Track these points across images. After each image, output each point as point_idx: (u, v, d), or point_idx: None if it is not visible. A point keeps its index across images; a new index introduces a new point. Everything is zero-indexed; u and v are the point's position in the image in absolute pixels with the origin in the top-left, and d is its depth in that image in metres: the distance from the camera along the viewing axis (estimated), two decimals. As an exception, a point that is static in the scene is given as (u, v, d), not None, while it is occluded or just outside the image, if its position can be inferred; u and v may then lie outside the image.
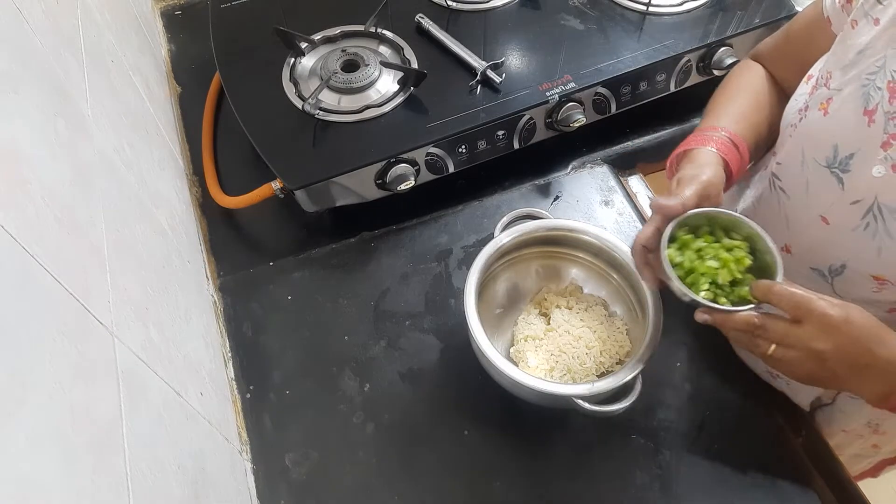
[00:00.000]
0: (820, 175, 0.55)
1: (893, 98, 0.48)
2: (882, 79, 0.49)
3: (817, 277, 0.59)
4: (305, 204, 0.80)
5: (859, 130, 0.51)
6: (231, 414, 0.70)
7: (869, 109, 0.50)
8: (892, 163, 0.49)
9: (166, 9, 1.15)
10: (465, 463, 0.68)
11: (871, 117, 0.50)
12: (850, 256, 0.55)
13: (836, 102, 0.53)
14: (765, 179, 0.64)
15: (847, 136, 0.52)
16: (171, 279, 0.65)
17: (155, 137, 0.80)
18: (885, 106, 0.49)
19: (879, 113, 0.49)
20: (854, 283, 0.55)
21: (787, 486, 0.65)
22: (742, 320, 0.52)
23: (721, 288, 0.56)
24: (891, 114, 0.48)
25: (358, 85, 0.85)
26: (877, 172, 0.50)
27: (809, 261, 0.59)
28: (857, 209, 0.52)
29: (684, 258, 0.57)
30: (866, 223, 0.52)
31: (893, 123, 0.48)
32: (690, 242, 0.58)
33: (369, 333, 0.77)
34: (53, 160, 0.45)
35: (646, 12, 0.93)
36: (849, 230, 0.53)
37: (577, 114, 0.84)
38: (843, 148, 0.52)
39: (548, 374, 0.67)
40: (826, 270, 0.57)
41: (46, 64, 0.50)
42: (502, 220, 0.72)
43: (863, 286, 0.55)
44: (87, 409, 0.38)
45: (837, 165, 0.53)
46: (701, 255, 0.57)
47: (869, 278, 0.54)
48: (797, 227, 0.60)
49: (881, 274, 0.52)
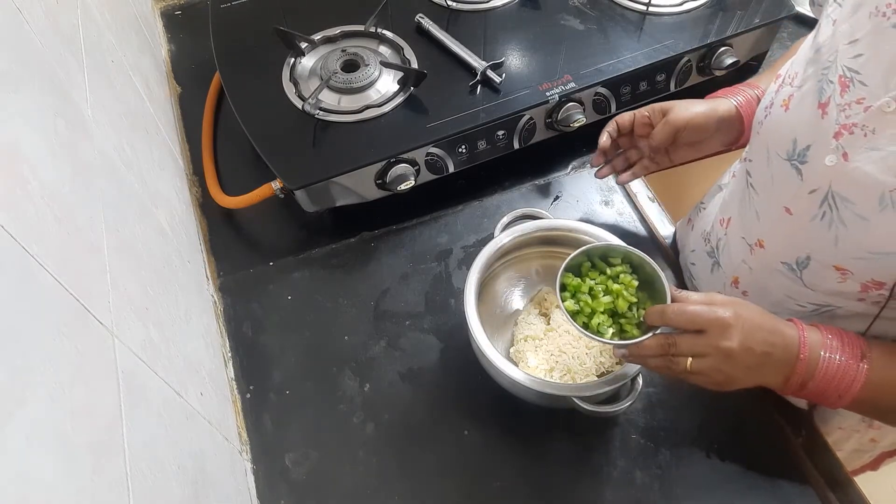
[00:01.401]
0: (782, 168, 0.57)
1: (844, 91, 0.50)
2: (834, 73, 0.51)
3: (788, 272, 0.60)
4: (305, 204, 0.80)
5: (814, 123, 0.53)
6: (231, 414, 0.70)
7: (822, 102, 0.52)
8: (842, 151, 0.51)
9: (166, 9, 1.15)
10: (464, 463, 0.68)
11: (824, 110, 0.52)
12: (812, 247, 0.57)
13: (795, 98, 0.56)
14: (741, 177, 0.66)
15: (804, 129, 0.54)
16: (171, 279, 0.65)
17: (155, 137, 0.80)
18: (836, 99, 0.51)
19: (832, 105, 0.51)
20: (819, 274, 0.57)
21: (787, 486, 0.66)
22: (655, 345, 0.55)
23: (623, 316, 0.60)
24: (842, 106, 0.51)
25: (358, 85, 0.85)
26: (829, 161, 0.52)
27: (780, 255, 0.61)
28: (814, 198, 0.54)
29: (580, 305, 0.61)
30: (823, 212, 0.54)
31: (844, 115, 0.50)
32: (581, 287, 0.61)
33: (369, 333, 0.77)
34: (53, 160, 0.45)
35: (646, 12, 0.93)
36: (808, 220, 0.55)
37: (577, 114, 0.84)
38: (801, 140, 0.55)
39: (548, 374, 0.67)
40: (794, 264, 0.59)
41: (46, 64, 0.50)
42: (502, 220, 0.72)
43: (828, 277, 0.56)
44: (87, 409, 0.38)
45: (796, 157, 0.55)
46: (594, 294, 0.61)
47: (832, 269, 0.55)
48: (766, 221, 0.61)
49: (841, 264, 0.54)
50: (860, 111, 0.49)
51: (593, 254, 0.63)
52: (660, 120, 0.73)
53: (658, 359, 0.56)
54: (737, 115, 0.71)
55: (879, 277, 0.52)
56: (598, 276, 0.62)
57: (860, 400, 0.53)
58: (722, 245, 0.71)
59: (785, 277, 0.61)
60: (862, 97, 0.49)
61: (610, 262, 0.63)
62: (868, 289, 0.54)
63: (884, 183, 0.48)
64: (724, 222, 0.70)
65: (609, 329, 0.59)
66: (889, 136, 0.47)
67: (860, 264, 0.53)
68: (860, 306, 0.56)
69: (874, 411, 0.57)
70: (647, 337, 0.56)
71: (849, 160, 0.50)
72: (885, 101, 0.47)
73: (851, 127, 0.50)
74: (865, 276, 0.53)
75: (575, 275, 0.63)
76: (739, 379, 0.54)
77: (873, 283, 0.53)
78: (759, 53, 0.97)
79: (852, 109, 0.50)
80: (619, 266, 0.62)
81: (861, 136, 0.49)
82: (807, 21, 1.04)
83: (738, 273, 0.68)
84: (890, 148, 0.47)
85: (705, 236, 0.76)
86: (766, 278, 0.63)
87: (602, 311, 0.60)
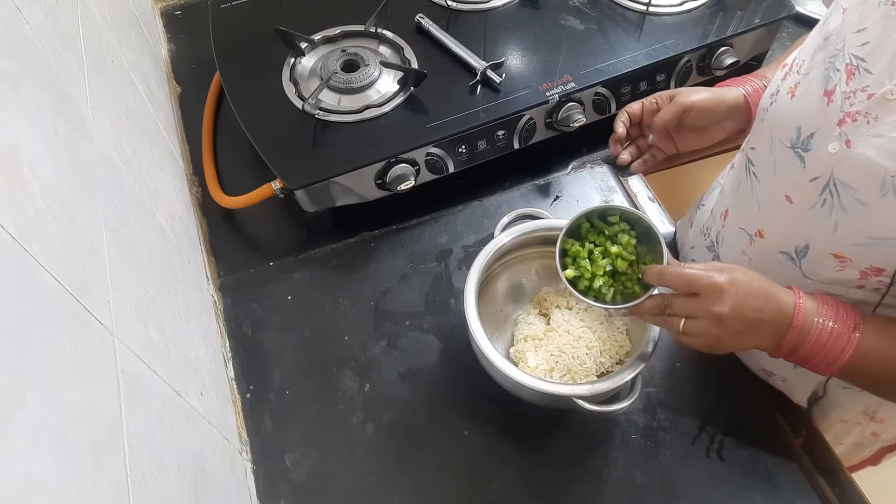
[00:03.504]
0: (785, 156, 0.58)
1: (850, 79, 0.51)
2: (840, 61, 0.52)
3: (787, 261, 0.61)
4: (305, 204, 0.80)
5: (820, 110, 0.53)
6: (231, 414, 0.70)
7: (828, 90, 0.53)
8: (845, 139, 0.51)
9: (166, 9, 1.15)
10: (464, 463, 0.68)
11: (829, 97, 0.53)
12: (811, 235, 0.57)
13: (802, 86, 0.56)
14: (742, 166, 0.67)
15: (809, 116, 0.55)
16: (171, 279, 0.65)
17: (155, 137, 0.80)
18: (842, 86, 0.52)
19: (837, 93, 0.52)
20: (818, 263, 0.58)
21: (787, 486, 0.65)
22: (654, 305, 0.59)
23: (624, 273, 0.62)
24: (846, 94, 0.51)
25: (358, 85, 0.85)
26: (832, 149, 0.52)
27: (779, 244, 0.61)
28: (816, 186, 0.55)
29: (580, 271, 0.63)
30: (823, 199, 0.54)
31: (849, 102, 0.51)
32: (580, 253, 0.64)
33: (369, 333, 0.77)
34: (53, 160, 0.45)
35: (646, 12, 0.93)
36: (808, 208, 0.56)
37: (577, 114, 0.84)
38: (805, 128, 0.55)
39: (548, 375, 0.67)
40: (794, 253, 0.60)
41: (46, 64, 0.50)
42: (502, 220, 0.72)
43: (826, 265, 0.57)
44: (87, 409, 0.38)
45: (800, 145, 0.56)
46: (593, 259, 0.63)
47: (830, 257, 0.56)
48: (767, 209, 0.62)
49: (839, 251, 0.55)
50: (864, 98, 0.50)
51: (592, 215, 0.65)
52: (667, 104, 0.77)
53: (657, 317, 0.59)
54: (745, 103, 0.73)
55: (879, 264, 0.53)
56: (597, 238, 0.64)
57: (849, 368, 0.53)
58: (721, 238, 0.71)
59: (784, 267, 0.61)
60: (866, 85, 0.50)
61: (608, 220, 0.64)
62: (867, 276, 0.54)
63: (885, 168, 0.48)
64: (723, 215, 0.71)
65: (610, 289, 0.62)
66: (891, 123, 0.48)
67: (859, 251, 0.53)
68: (859, 294, 0.57)
69: (862, 380, 0.57)
70: (644, 299, 0.60)
71: (851, 147, 0.51)
72: (888, 88, 0.48)
73: (855, 115, 0.50)
74: (864, 263, 0.54)
75: (576, 238, 0.65)
76: (728, 342, 0.55)
77: (872, 270, 0.53)
78: (759, 53, 0.97)
79: (856, 97, 0.50)
80: (616, 225, 0.64)
81: (864, 123, 0.50)
82: (807, 21, 1.04)
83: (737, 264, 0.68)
84: (892, 134, 0.48)
85: (704, 231, 0.76)
86: (765, 269, 0.63)
87: (602, 273, 0.62)
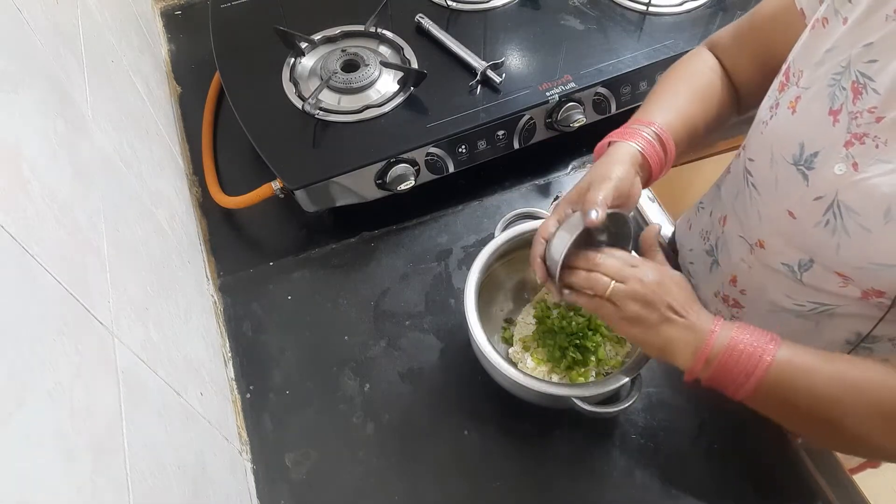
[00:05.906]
0: (787, 172, 0.56)
1: (857, 98, 0.49)
2: (847, 79, 0.50)
3: (788, 272, 0.60)
4: (305, 204, 0.80)
5: (824, 130, 0.52)
6: (231, 414, 0.70)
7: (834, 109, 0.51)
8: (852, 161, 0.50)
9: (166, 9, 1.15)
10: (464, 463, 0.68)
11: (835, 117, 0.51)
12: (815, 252, 0.56)
13: (803, 101, 0.55)
14: (739, 175, 0.66)
15: (813, 134, 0.53)
16: (171, 279, 0.65)
17: (155, 137, 0.80)
18: (849, 106, 0.50)
19: (844, 113, 0.50)
20: (821, 277, 0.57)
21: (787, 486, 0.66)
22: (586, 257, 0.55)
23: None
24: (854, 114, 0.50)
25: (358, 85, 0.85)
26: (838, 170, 0.51)
27: (781, 256, 0.60)
28: (820, 205, 0.54)
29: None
30: (826, 220, 0.53)
31: (856, 123, 0.49)
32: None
33: (369, 333, 0.77)
34: (53, 160, 0.45)
35: (646, 12, 0.93)
36: (812, 225, 0.55)
37: (577, 114, 0.84)
38: (808, 146, 0.54)
39: (548, 375, 0.67)
40: (796, 266, 0.59)
41: (46, 64, 0.50)
42: (502, 220, 0.72)
43: (829, 281, 0.56)
44: (87, 409, 0.38)
45: (803, 163, 0.55)
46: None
47: (834, 274, 0.55)
48: (768, 222, 0.61)
49: (842, 270, 0.54)
50: (872, 120, 0.48)
51: None
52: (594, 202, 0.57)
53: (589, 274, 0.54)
54: (643, 161, 0.60)
55: (880, 287, 0.52)
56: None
57: (767, 383, 0.49)
58: (720, 244, 0.71)
59: (784, 277, 0.61)
60: (874, 106, 0.48)
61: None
62: (869, 296, 0.54)
63: (892, 197, 0.47)
64: (722, 220, 0.70)
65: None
66: None
67: (861, 273, 0.52)
68: (860, 307, 0.56)
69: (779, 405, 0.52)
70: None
71: (858, 170, 0.50)
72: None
73: (863, 137, 0.49)
74: (866, 285, 0.53)
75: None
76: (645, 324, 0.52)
77: (874, 292, 0.53)
78: (759, 53, 0.97)
79: (864, 118, 0.49)
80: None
81: (872, 146, 0.49)
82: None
83: (736, 271, 0.68)
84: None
85: (704, 235, 0.75)
86: (765, 277, 0.63)
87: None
